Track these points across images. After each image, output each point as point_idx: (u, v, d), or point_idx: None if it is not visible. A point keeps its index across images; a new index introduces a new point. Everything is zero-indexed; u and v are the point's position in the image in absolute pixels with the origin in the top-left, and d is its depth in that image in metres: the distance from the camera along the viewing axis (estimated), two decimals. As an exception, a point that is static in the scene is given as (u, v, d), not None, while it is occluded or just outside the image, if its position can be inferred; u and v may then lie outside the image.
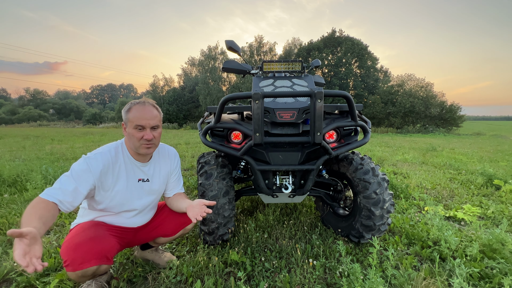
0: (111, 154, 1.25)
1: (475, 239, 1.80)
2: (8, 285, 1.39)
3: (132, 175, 1.31)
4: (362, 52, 23.40)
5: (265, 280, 1.41)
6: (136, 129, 1.20)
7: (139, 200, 1.34)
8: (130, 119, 1.20)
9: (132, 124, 1.20)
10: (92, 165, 1.17)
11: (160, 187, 1.44)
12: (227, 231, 1.67)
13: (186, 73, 31.06)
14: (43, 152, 6.10)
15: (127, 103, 1.25)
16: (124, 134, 1.27)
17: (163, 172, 1.43)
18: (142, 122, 1.20)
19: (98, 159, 1.20)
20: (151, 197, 1.41)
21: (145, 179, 1.36)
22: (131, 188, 1.31)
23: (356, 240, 1.74)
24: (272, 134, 1.53)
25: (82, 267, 1.08)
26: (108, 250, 1.15)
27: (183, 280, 1.41)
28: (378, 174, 1.70)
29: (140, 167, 1.33)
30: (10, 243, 1.81)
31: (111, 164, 1.23)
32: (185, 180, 3.48)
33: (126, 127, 1.24)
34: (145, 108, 1.22)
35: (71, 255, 1.08)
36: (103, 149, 1.25)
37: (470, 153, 6.96)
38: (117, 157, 1.27)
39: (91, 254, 1.09)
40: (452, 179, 3.78)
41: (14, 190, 2.95)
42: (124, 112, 1.23)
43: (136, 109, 1.21)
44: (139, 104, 1.22)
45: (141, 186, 1.35)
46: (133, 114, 1.20)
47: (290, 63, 1.92)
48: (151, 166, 1.38)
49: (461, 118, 21.10)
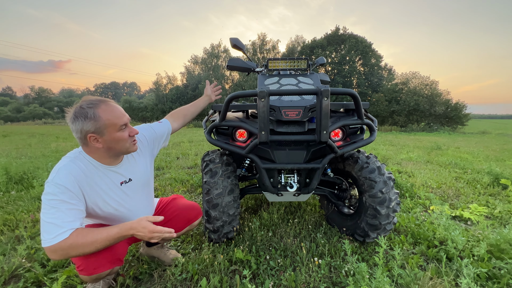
0: (77, 164, 1.06)
1: (482, 239, 1.78)
2: (16, 281, 1.41)
3: (111, 181, 1.17)
4: (366, 49, 23.20)
5: (270, 279, 1.41)
6: (120, 131, 1.09)
7: (132, 201, 1.26)
8: (108, 124, 1.04)
9: (114, 128, 1.06)
10: (63, 183, 1.00)
11: (147, 176, 1.34)
12: (232, 229, 1.67)
13: (189, 71, 31.10)
14: (49, 150, 6.16)
15: (78, 113, 1.01)
16: (96, 146, 1.07)
17: (142, 160, 1.32)
18: (124, 119, 1.10)
19: (64, 174, 1.02)
20: (144, 190, 1.34)
21: (127, 180, 1.23)
22: (118, 194, 1.19)
23: (362, 239, 1.73)
24: (277, 132, 1.52)
25: (96, 272, 1.08)
26: (120, 253, 1.17)
27: (189, 278, 1.41)
28: (384, 172, 1.68)
29: (116, 170, 1.19)
30: (18, 239, 1.84)
31: (81, 176, 1.06)
32: (189, 178, 3.49)
33: (101, 136, 1.05)
34: (113, 105, 1.09)
35: (84, 260, 1.07)
36: (61, 164, 1.05)
37: (475, 152, 6.88)
38: (86, 168, 1.09)
39: (104, 259, 1.09)
40: (457, 178, 3.74)
41: (21, 187, 2.99)
42: (89, 122, 1.01)
43: (105, 110, 1.04)
44: (103, 105, 1.05)
45: (127, 188, 1.23)
46: (108, 117, 1.04)
47: (296, 61, 1.91)
48: (125, 162, 1.24)
49: (466, 117, 20.86)
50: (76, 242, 0.97)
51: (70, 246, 0.96)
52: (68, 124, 1.05)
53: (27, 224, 2.05)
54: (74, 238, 0.97)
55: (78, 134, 1.04)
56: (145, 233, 1.05)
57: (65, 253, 0.97)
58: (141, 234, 1.06)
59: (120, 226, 1.07)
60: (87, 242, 0.99)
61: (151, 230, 1.06)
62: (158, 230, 1.08)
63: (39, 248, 1.68)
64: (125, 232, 1.06)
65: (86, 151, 1.11)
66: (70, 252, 0.97)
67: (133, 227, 1.06)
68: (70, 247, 0.96)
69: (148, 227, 1.06)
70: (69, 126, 1.05)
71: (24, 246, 1.65)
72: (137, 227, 1.06)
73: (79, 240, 0.97)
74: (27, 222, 2.08)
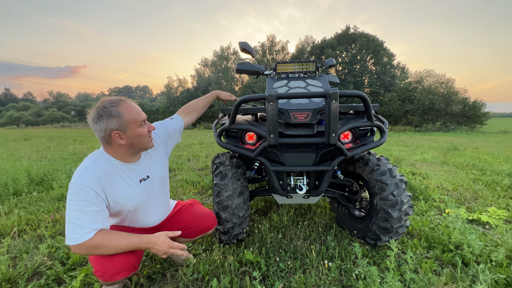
0: (98, 165, 1.11)
1: (501, 244, 1.72)
2: (39, 278, 1.49)
3: (130, 179, 1.21)
4: (377, 48, 22.75)
5: (280, 281, 1.42)
6: (141, 127, 1.14)
7: (150, 198, 1.31)
8: (130, 120, 1.09)
9: (136, 124, 1.11)
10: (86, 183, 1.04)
11: (163, 173, 1.39)
12: (242, 231, 1.69)
13: (199, 74, 31.58)
14: (66, 152, 6.42)
15: (101, 112, 1.06)
16: (120, 143, 1.11)
17: (157, 157, 1.36)
18: (143, 115, 1.15)
19: (87, 175, 1.06)
20: (161, 188, 1.38)
21: (145, 177, 1.28)
22: (137, 191, 1.23)
23: (373, 242, 1.71)
24: (286, 135, 1.53)
25: (114, 279, 1.13)
26: (136, 260, 1.21)
27: (200, 278, 1.44)
28: (396, 175, 1.65)
29: (135, 168, 1.24)
30: (39, 238, 1.94)
31: (103, 175, 1.10)
32: (199, 179, 3.55)
33: (124, 133, 1.09)
34: (132, 104, 1.14)
35: (102, 266, 1.11)
36: (84, 166, 1.09)
37: (495, 152, 6.58)
38: (107, 168, 1.13)
39: (122, 266, 1.13)
40: (475, 180, 3.60)
41: (42, 189, 3.13)
42: (114, 120, 1.06)
43: (126, 108, 1.09)
44: (123, 103, 1.10)
45: (146, 185, 1.28)
46: (129, 115, 1.09)
47: (304, 64, 1.91)
48: (143, 159, 1.29)
49: (486, 115, 20.00)
50: (101, 243, 1.04)
51: (95, 246, 1.03)
52: (91, 125, 1.09)
53: (47, 224, 2.15)
54: (99, 239, 1.03)
55: (102, 133, 1.07)
56: (164, 248, 1.13)
57: (89, 251, 1.04)
58: (158, 248, 1.13)
59: (142, 237, 1.13)
60: (110, 245, 1.06)
61: (169, 246, 1.14)
62: (175, 246, 1.16)
63: (59, 247, 1.77)
64: (144, 245, 1.13)
65: (107, 151, 1.16)
66: (93, 251, 1.05)
67: (153, 241, 1.13)
68: (95, 246, 1.03)
69: (167, 243, 1.15)
70: (91, 127, 1.10)
71: (46, 245, 1.73)
72: (157, 242, 1.13)
73: (104, 242, 1.04)
74: (47, 222, 2.18)
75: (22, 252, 1.73)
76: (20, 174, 3.18)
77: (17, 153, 6.54)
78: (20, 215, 2.30)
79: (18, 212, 2.36)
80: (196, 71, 31.78)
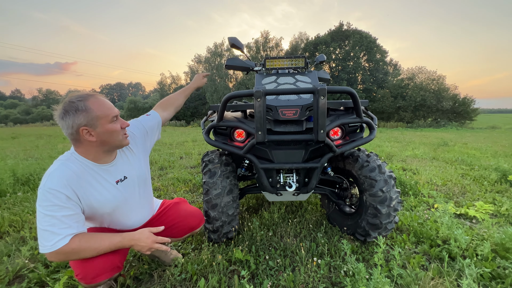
0: (68, 166, 1.03)
1: (487, 238, 1.75)
2: (20, 281, 1.44)
3: (105, 181, 1.14)
4: (370, 45, 22.87)
5: (269, 279, 1.41)
6: (112, 122, 1.07)
7: (130, 200, 1.24)
8: (99, 116, 1.02)
9: (106, 120, 1.04)
10: (55, 187, 0.97)
11: (143, 173, 1.31)
12: (232, 229, 1.67)
13: (193, 71, 31.19)
14: (55, 151, 6.27)
15: (68, 107, 0.99)
16: (89, 140, 1.04)
17: (135, 157, 1.28)
18: (114, 111, 1.08)
19: (56, 178, 0.99)
20: (141, 188, 1.30)
21: (122, 178, 1.20)
22: (113, 194, 1.16)
23: (362, 238, 1.71)
24: (275, 132, 1.51)
25: (96, 281, 1.07)
26: (119, 260, 1.16)
27: (188, 278, 1.42)
28: (385, 171, 1.66)
29: (109, 169, 1.16)
30: (22, 240, 1.88)
31: (74, 178, 1.03)
32: (191, 177, 3.51)
33: (94, 129, 1.02)
34: (102, 98, 1.07)
35: (83, 269, 1.06)
36: (52, 169, 1.03)
37: (483, 147, 6.73)
38: (78, 169, 1.06)
39: (104, 267, 1.08)
40: (464, 175, 3.67)
41: (27, 189, 3.04)
42: (81, 115, 0.99)
43: (95, 103, 1.03)
44: (92, 98, 1.04)
45: (123, 187, 1.20)
46: (98, 110, 1.02)
47: (293, 59, 1.89)
48: (119, 159, 1.21)
49: (475, 111, 20.45)
50: (79, 247, 0.99)
51: (73, 251, 0.98)
52: (57, 122, 1.02)
53: (32, 225, 2.09)
54: (77, 243, 0.99)
55: (69, 129, 1.00)
56: (148, 244, 1.11)
57: (67, 257, 1.00)
58: (142, 244, 1.11)
59: (123, 236, 1.10)
60: (90, 248, 1.01)
61: (153, 241, 1.13)
62: (160, 240, 1.15)
63: (43, 249, 1.71)
64: (127, 243, 1.10)
65: (79, 151, 1.08)
66: (71, 256, 1.00)
67: (136, 238, 1.11)
68: (72, 252, 0.98)
69: (151, 238, 1.13)
70: (58, 124, 1.02)
71: (28, 247, 1.68)
72: (141, 238, 1.11)
73: (82, 245, 0.99)
74: (32, 223, 2.12)
75: (3, 254, 1.67)
76: (5, 174, 3.08)
77: (3, 152, 6.36)
78: (3, 216, 2.23)
79: (1, 213, 2.28)
80: (190, 67, 31.37)
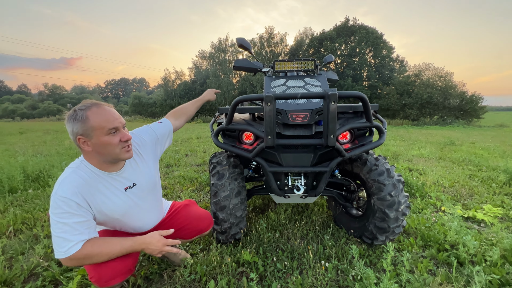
0: (79, 174, 1.05)
1: (496, 243, 1.74)
2: (35, 279, 1.49)
3: (115, 188, 1.15)
4: (377, 41, 22.52)
5: (277, 281, 1.43)
6: (109, 135, 1.04)
7: (140, 206, 1.26)
8: (96, 127, 1.01)
9: (102, 131, 1.02)
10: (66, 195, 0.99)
11: (152, 179, 1.31)
12: (239, 230, 1.69)
13: (197, 66, 31.16)
14: (63, 147, 6.36)
15: (71, 114, 1.02)
16: (85, 149, 1.05)
17: (144, 164, 1.29)
18: (115, 123, 1.05)
19: (66, 186, 1.01)
20: (151, 194, 1.32)
21: (131, 185, 1.20)
22: (123, 200, 1.18)
23: (369, 241, 1.72)
24: (284, 136, 1.51)
25: (109, 284, 1.11)
26: (132, 263, 1.20)
27: (197, 279, 1.45)
28: (393, 175, 1.65)
29: (117, 177, 1.16)
30: (35, 238, 1.93)
31: (84, 185, 1.05)
32: (197, 176, 3.54)
33: (89, 139, 1.02)
34: (105, 109, 1.06)
35: (97, 272, 1.09)
36: (63, 176, 1.05)
37: (491, 147, 6.63)
38: (88, 177, 1.07)
39: (117, 271, 1.11)
40: (471, 176, 3.63)
41: (38, 186, 3.11)
42: (78, 124, 1.00)
43: (95, 113, 1.02)
44: (95, 107, 1.03)
45: (133, 193, 1.21)
46: (96, 120, 1.01)
47: (303, 62, 1.87)
48: (128, 167, 1.21)
49: (483, 109, 20.06)
50: (92, 252, 1.02)
51: (86, 257, 1.01)
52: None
53: (44, 223, 2.14)
54: (89, 248, 1.01)
55: (71, 136, 1.04)
56: (158, 247, 1.13)
57: (80, 262, 1.03)
58: (153, 248, 1.13)
59: (134, 240, 1.12)
60: (102, 253, 1.04)
61: (164, 243, 1.15)
62: (170, 243, 1.17)
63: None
64: (138, 247, 1.12)
65: (86, 158, 1.10)
66: (84, 261, 1.03)
67: (147, 241, 1.13)
68: (85, 257, 1.01)
69: (162, 241, 1.15)
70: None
71: (42, 245, 1.73)
72: (151, 241, 1.13)
73: (94, 251, 1.02)
74: (43, 221, 2.17)
75: (18, 253, 1.72)
76: (16, 171, 3.14)
77: (12, 147, 6.47)
78: (16, 213, 2.28)
79: (14, 211, 2.34)
80: (194, 63, 31.32)
